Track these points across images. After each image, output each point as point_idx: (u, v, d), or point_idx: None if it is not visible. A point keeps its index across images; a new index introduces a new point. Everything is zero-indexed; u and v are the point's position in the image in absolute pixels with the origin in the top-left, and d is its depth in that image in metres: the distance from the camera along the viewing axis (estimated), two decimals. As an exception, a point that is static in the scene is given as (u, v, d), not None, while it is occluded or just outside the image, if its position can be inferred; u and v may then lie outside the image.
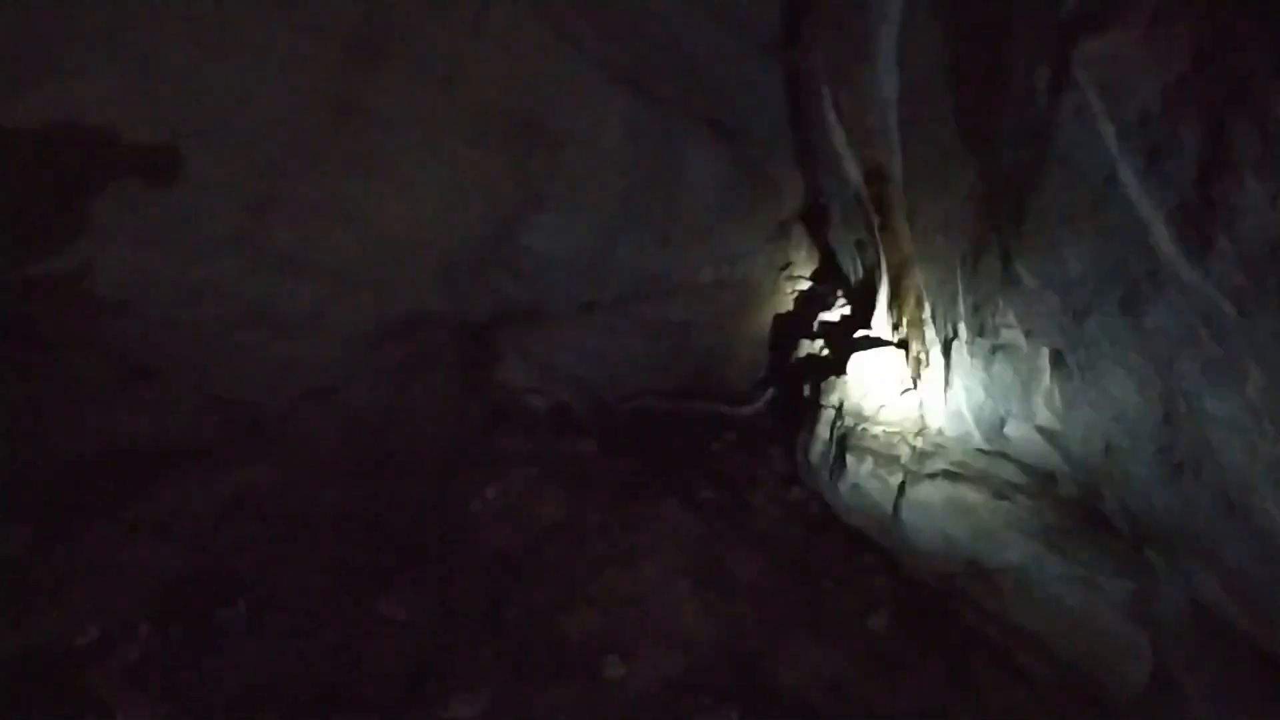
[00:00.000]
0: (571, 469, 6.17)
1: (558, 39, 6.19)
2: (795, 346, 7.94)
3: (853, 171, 6.37)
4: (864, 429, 5.74)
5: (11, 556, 4.75)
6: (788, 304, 8.92)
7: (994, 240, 4.52)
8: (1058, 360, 4.33)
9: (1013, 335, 4.59)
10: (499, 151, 6.38)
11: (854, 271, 7.33)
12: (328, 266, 5.83)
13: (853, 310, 7.45)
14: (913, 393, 5.80)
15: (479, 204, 6.51)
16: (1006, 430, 4.94)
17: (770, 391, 7.94)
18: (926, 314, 5.56)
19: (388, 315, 6.47)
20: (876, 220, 6.24)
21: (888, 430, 5.66)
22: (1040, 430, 4.70)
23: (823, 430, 6.08)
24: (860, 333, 6.65)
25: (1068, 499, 4.87)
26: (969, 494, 5.05)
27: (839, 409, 6.03)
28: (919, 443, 5.48)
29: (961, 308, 5.04)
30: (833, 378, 6.30)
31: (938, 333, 5.44)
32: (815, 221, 8.62)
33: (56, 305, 5.18)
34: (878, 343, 6.32)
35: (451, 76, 5.77)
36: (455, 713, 3.95)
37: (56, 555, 4.81)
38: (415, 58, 5.54)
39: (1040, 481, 4.96)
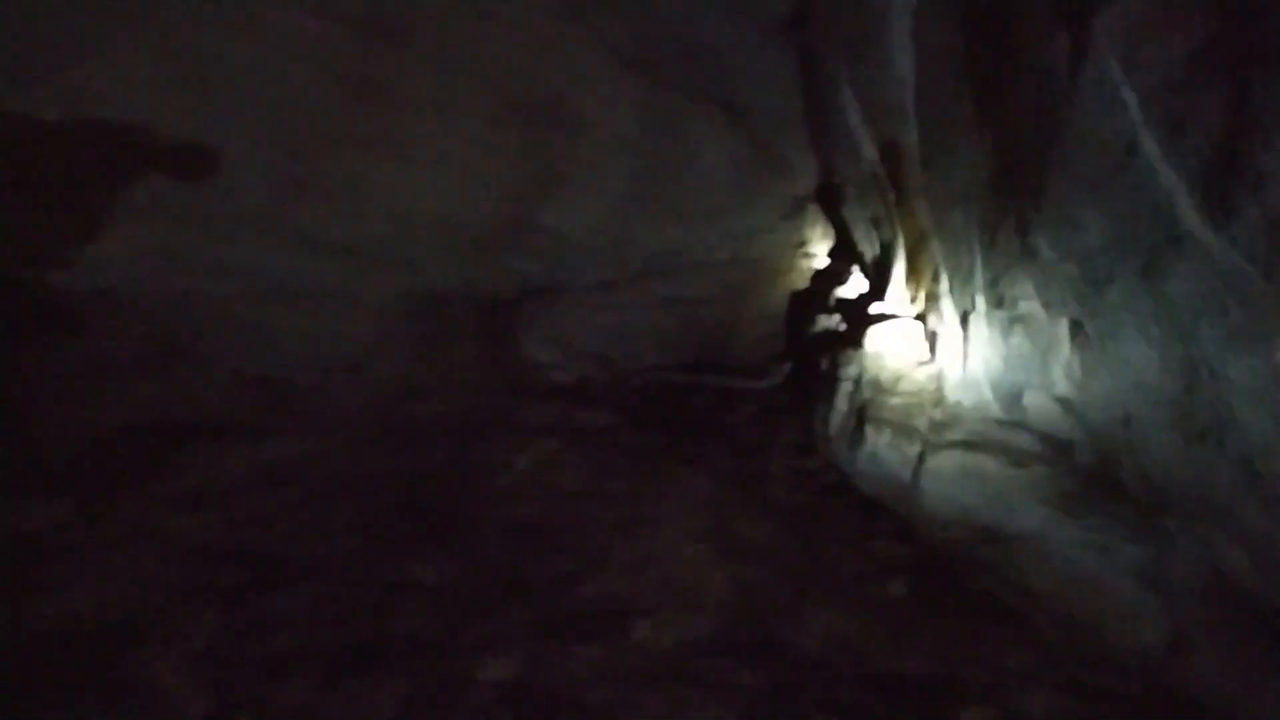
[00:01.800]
0: (592, 440, 6.18)
1: (569, 23, 6.13)
2: (811, 322, 7.90)
3: (868, 149, 6.31)
4: (882, 401, 5.71)
5: (53, 527, 4.80)
6: (802, 281, 8.87)
7: (1011, 213, 4.45)
8: (1076, 330, 4.27)
9: (1030, 307, 4.54)
10: (516, 133, 6.35)
11: (870, 248, 7.27)
12: (352, 245, 5.84)
13: (869, 286, 7.39)
14: (930, 365, 5.76)
15: (498, 184, 6.49)
16: (1024, 400, 4.90)
17: (785, 366, 7.92)
18: (943, 288, 5.50)
19: (412, 292, 6.48)
20: (892, 197, 6.18)
21: (905, 402, 5.62)
22: (1058, 400, 4.65)
23: (841, 402, 6.05)
24: (877, 307, 6.60)
25: (1084, 467, 4.83)
26: (986, 463, 5.01)
27: (857, 381, 6.00)
28: (937, 414, 5.45)
29: (978, 281, 4.98)
30: (850, 351, 6.26)
31: (955, 306, 5.38)
32: (829, 199, 8.53)
33: (89, 286, 5.20)
34: (895, 317, 6.27)
35: (466, 59, 5.73)
36: (489, 674, 3.96)
37: (95, 527, 4.85)
38: (429, 40, 5.50)
39: (1057, 450, 4.92)
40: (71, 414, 5.27)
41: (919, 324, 6.05)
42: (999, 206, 4.58)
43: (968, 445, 5.17)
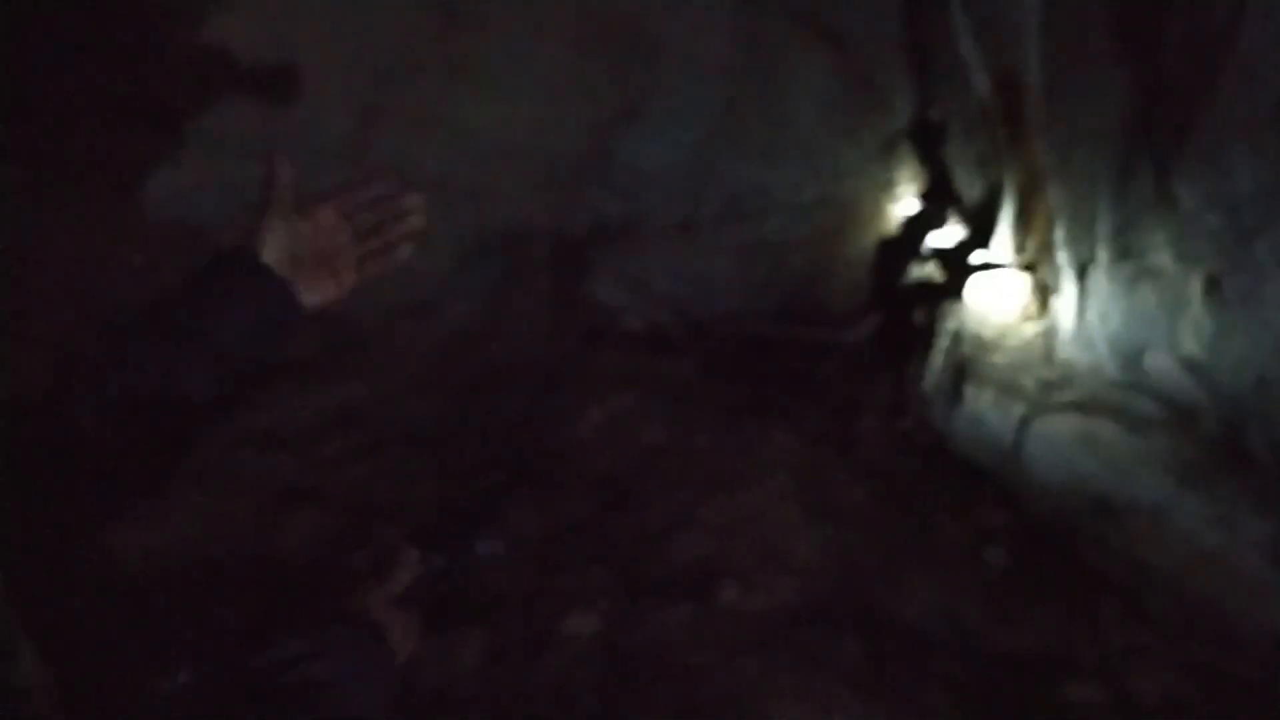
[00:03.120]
0: (672, 392, 6.25)
1: (661, -62, 6.06)
2: (903, 270, 7.80)
3: (979, 81, 6.15)
4: (984, 358, 5.66)
5: (126, 465, 5.02)
6: (892, 225, 8.72)
7: (1147, 156, 4.34)
8: (1212, 287, 4.18)
9: (1161, 259, 4.44)
10: (599, 59, 6.30)
11: (972, 191, 7.12)
12: (429, 177, 5.86)
13: (970, 232, 7.26)
14: (1040, 321, 5.68)
15: (578, 113, 6.46)
16: (1146, 361, 4.81)
17: (875, 318, 7.85)
18: (1059, 236, 5.39)
19: (485, 229, 6.53)
20: (1004, 134, 6.04)
21: (1011, 360, 5.57)
22: (1185, 362, 4.57)
23: (938, 358, 6.00)
24: (980, 256, 6.50)
25: (1209, 435, 4.76)
26: (1100, 428, 4.96)
27: (956, 336, 5.95)
28: (1046, 373, 5.38)
29: (1102, 229, 4.87)
30: (949, 303, 6.19)
31: (1072, 256, 5.28)
32: (926, 136, 8.36)
33: (162, 219, 5.35)
34: (1001, 267, 6.17)
35: (553, -22, 5.71)
36: (573, 628, 4.11)
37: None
38: (521, -38, 5.49)
39: (1180, 416, 4.85)
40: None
41: (1028, 275, 5.95)
42: (1134, 148, 4.47)
43: (1080, 408, 5.11)
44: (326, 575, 4.16)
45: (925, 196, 8.55)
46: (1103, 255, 4.94)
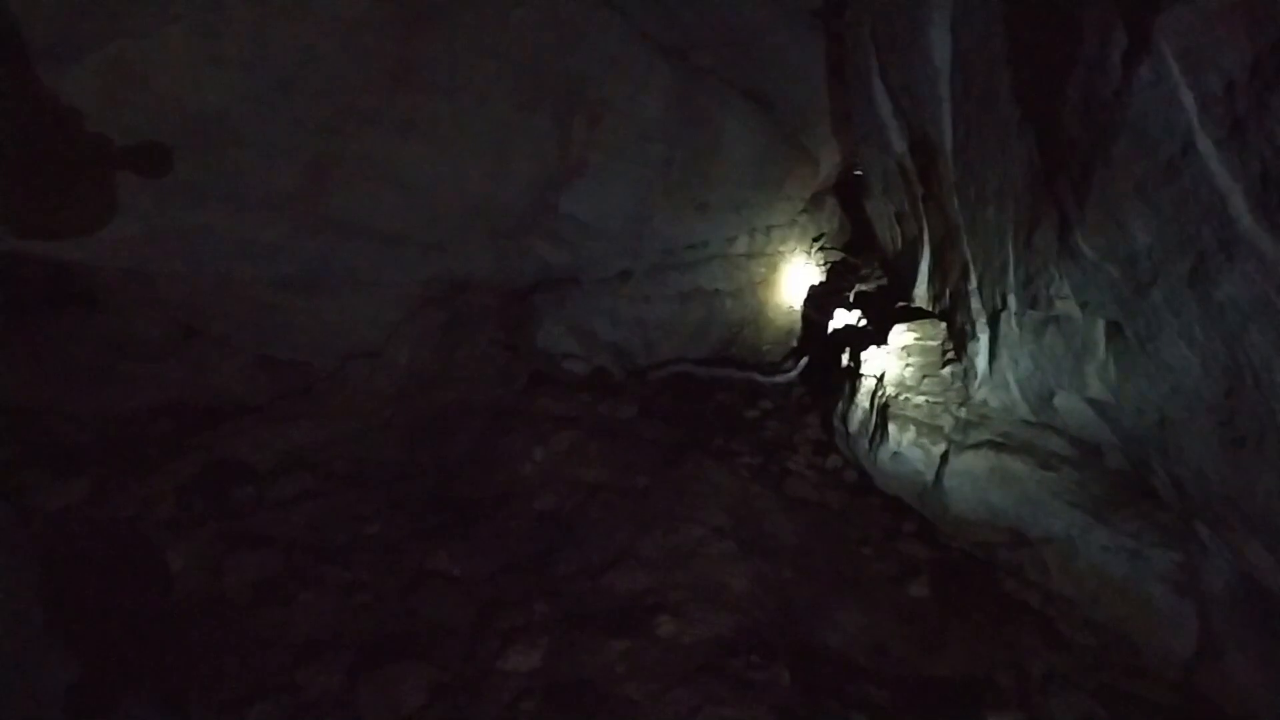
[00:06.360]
0: (613, 432, 6.15)
1: (603, 8, 6.08)
2: (830, 317, 7.85)
3: (897, 142, 6.26)
4: (906, 399, 5.67)
5: (72, 507, 4.76)
6: (820, 275, 8.83)
7: (1051, 212, 4.40)
8: (1114, 332, 4.23)
9: (1066, 307, 4.49)
10: (543, 118, 6.29)
11: (893, 243, 7.22)
12: (379, 229, 5.78)
13: (890, 282, 7.36)
14: (956, 364, 5.72)
15: (523, 170, 6.43)
16: (1055, 402, 4.86)
17: (803, 361, 7.88)
18: (972, 285, 5.46)
19: (433, 278, 6.44)
20: (920, 191, 6.14)
21: (930, 400, 5.59)
22: (1091, 402, 4.61)
23: (863, 399, 6.01)
24: (900, 304, 6.56)
25: (1114, 471, 4.80)
26: (1014, 464, 4.99)
27: (880, 379, 5.96)
28: (963, 413, 5.41)
29: (1012, 279, 4.93)
30: (873, 348, 6.22)
31: (984, 304, 5.34)
32: (850, 193, 8.51)
33: (115, 267, 5.15)
34: (920, 314, 6.23)
35: (500, 43, 5.66)
36: (514, 664, 3.95)
37: (113, 507, 4.81)
38: (466, 23, 5.43)
39: (1087, 453, 4.90)
40: (91, 393, 5.24)
41: (945, 322, 6.01)
42: (1038, 204, 4.53)
43: (995, 446, 5.14)
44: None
45: (851, 248, 8.68)
46: (1013, 303, 4.99)
